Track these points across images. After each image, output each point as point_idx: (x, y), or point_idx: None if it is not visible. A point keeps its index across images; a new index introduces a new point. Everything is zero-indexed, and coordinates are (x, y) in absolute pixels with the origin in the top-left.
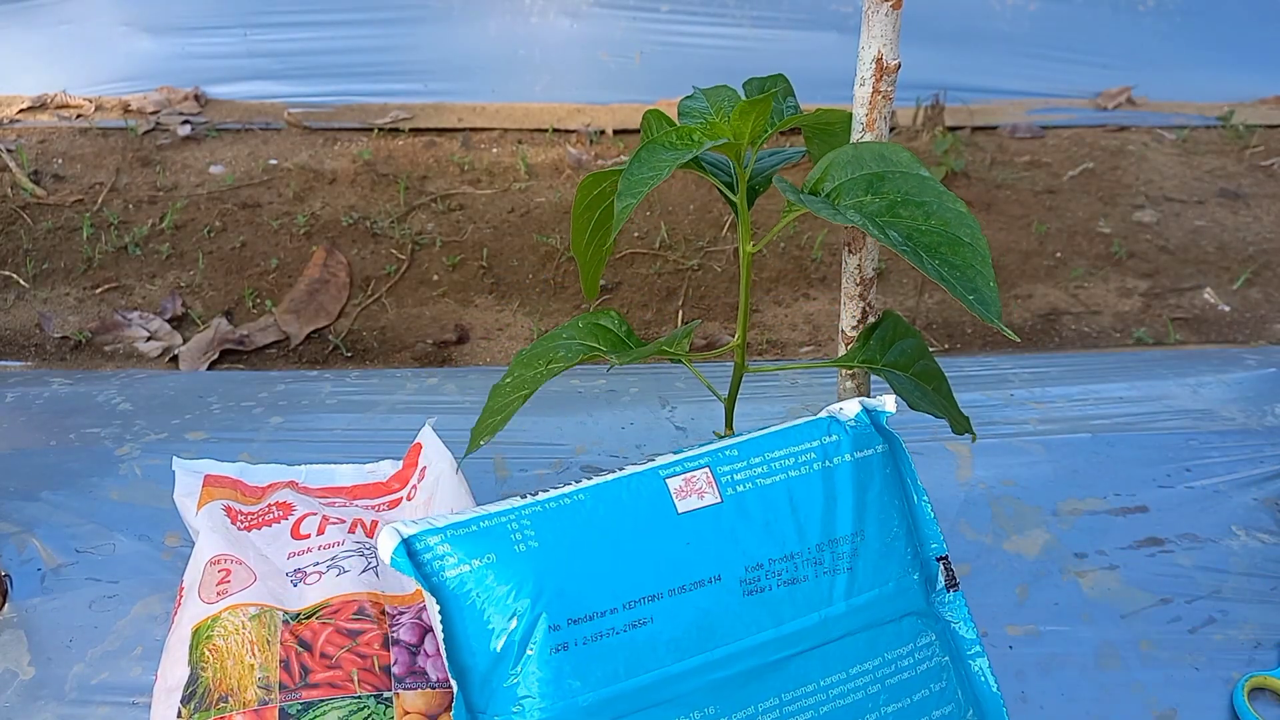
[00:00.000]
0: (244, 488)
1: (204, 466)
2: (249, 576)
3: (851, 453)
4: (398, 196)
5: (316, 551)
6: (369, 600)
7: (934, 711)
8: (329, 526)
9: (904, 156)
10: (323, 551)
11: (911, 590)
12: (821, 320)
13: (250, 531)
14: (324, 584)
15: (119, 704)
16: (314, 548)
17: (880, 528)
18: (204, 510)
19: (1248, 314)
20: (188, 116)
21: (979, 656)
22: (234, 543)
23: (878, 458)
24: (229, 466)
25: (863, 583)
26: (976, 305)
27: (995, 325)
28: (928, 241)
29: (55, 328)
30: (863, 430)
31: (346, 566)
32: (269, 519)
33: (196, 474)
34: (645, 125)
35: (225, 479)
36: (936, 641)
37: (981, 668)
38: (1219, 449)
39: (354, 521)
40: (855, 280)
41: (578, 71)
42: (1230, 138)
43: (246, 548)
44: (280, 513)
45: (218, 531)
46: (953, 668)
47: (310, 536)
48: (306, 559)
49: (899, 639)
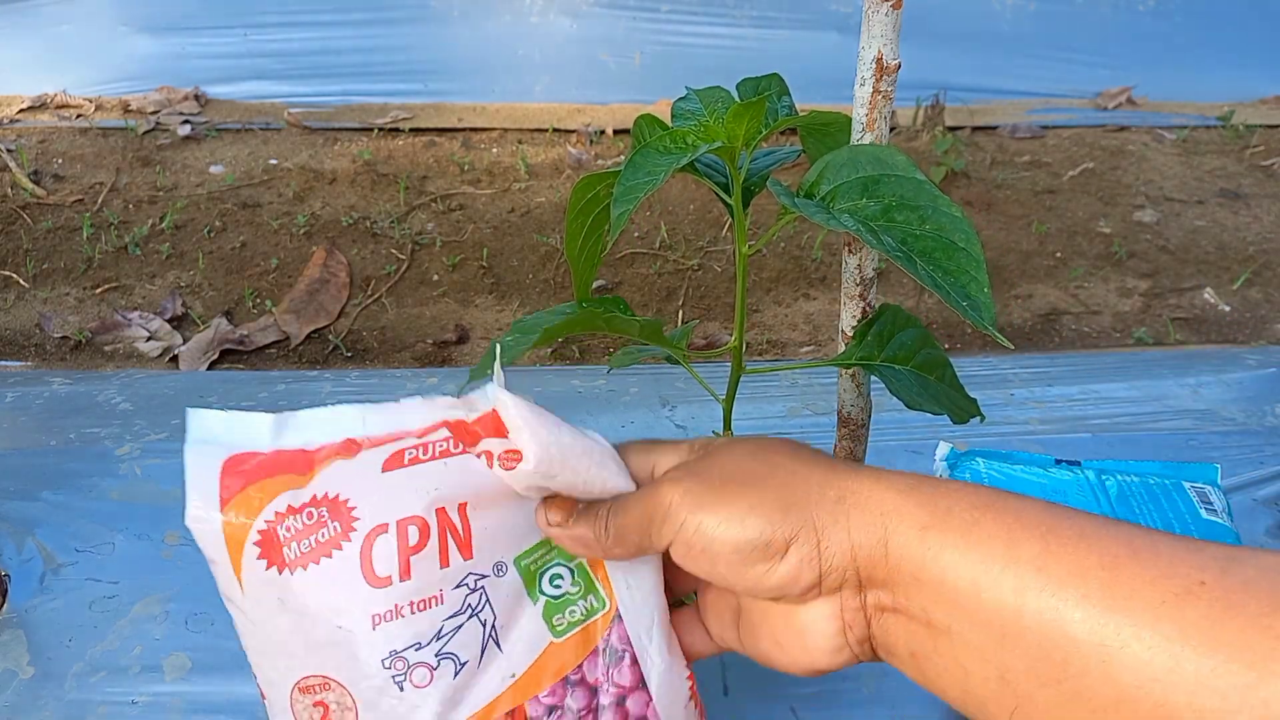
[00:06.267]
0: (287, 462)
1: (223, 435)
2: (351, 712)
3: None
4: (398, 196)
5: (410, 616)
6: (506, 718)
7: None
8: (414, 561)
9: (900, 159)
10: (419, 616)
11: None
12: (821, 320)
13: (306, 570)
14: (439, 691)
15: (119, 704)
16: (403, 606)
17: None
18: (245, 571)
19: (1248, 314)
20: (188, 116)
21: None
22: (308, 639)
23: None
24: (259, 425)
25: None
26: (970, 312)
27: (989, 332)
28: (922, 247)
29: (55, 328)
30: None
31: (461, 654)
32: (322, 542)
33: (213, 460)
34: (637, 130)
35: (258, 459)
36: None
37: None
38: (1219, 449)
39: (441, 533)
40: (855, 280)
41: (578, 71)
42: (1230, 138)
43: (319, 630)
44: (336, 528)
45: (276, 622)
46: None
47: (391, 582)
48: (398, 630)
49: None
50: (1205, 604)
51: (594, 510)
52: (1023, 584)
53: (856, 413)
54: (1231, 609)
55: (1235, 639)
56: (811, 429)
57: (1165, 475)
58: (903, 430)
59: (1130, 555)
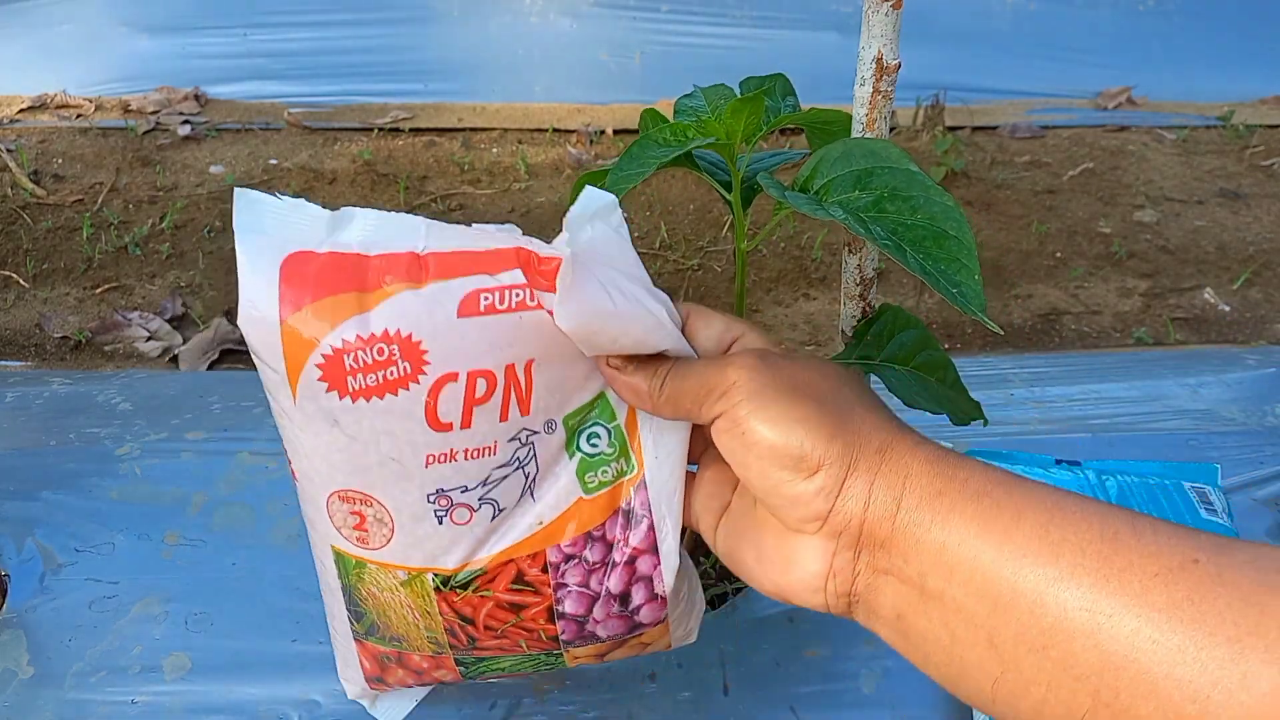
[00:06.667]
0: (348, 271)
1: (277, 228)
2: (387, 527)
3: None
4: (398, 196)
5: (462, 462)
6: (528, 559)
7: None
8: (477, 411)
9: (893, 152)
10: (470, 463)
11: None
12: (821, 320)
13: (369, 401)
14: (474, 531)
15: (119, 703)
16: (458, 452)
17: None
18: (302, 384)
19: (1248, 314)
20: (188, 116)
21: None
22: (355, 462)
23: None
24: (314, 217)
25: None
26: (959, 299)
27: (977, 317)
28: (912, 236)
29: (55, 328)
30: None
31: (501, 500)
32: (390, 379)
33: (271, 257)
34: (642, 123)
35: (316, 262)
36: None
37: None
38: (1219, 449)
39: (506, 389)
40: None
41: (578, 71)
42: (1230, 138)
43: (369, 456)
44: (406, 368)
45: (325, 436)
46: None
47: (452, 429)
48: (449, 473)
49: None
50: (1195, 579)
51: (654, 365)
52: (1021, 552)
53: None
54: (1221, 584)
55: (1221, 613)
56: None
57: (1165, 475)
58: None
59: (1131, 533)
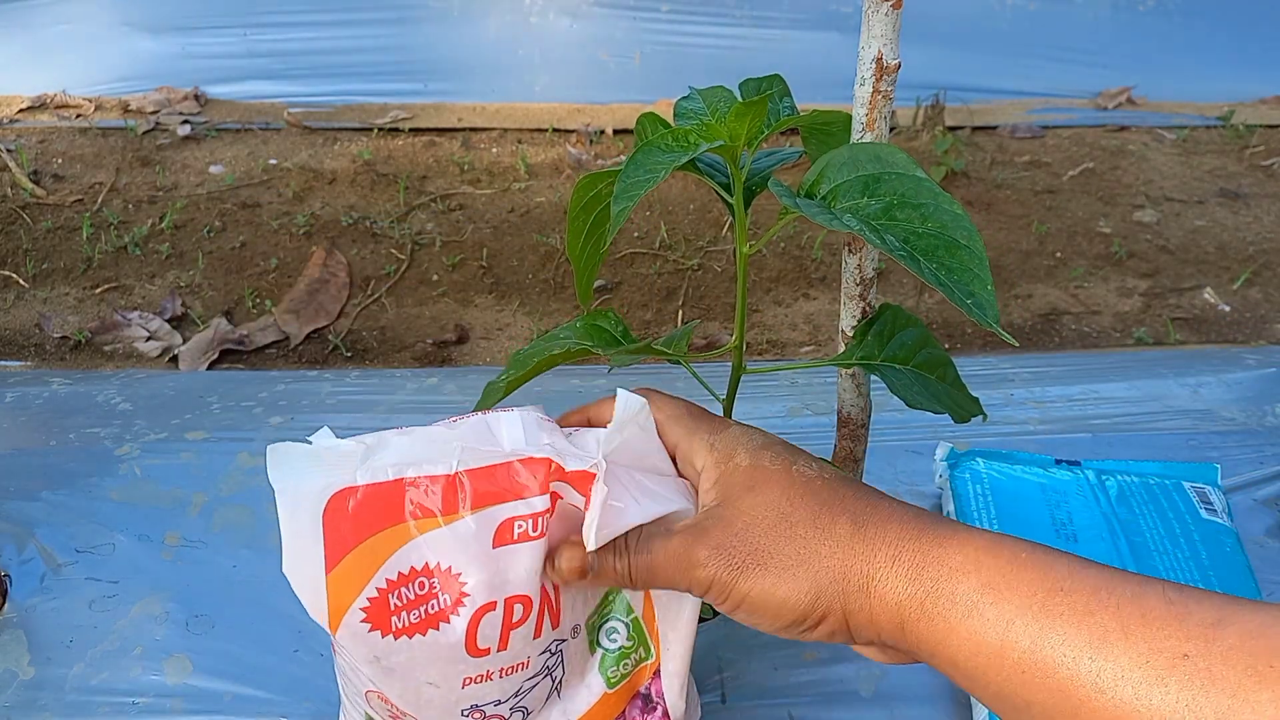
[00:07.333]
0: (384, 504)
1: (313, 472)
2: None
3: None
4: (398, 196)
5: (498, 681)
6: None
7: None
8: (514, 634)
9: (900, 158)
10: (505, 680)
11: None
12: (821, 320)
13: (411, 638)
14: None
15: (119, 704)
16: (493, 673)
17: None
18: (344, 627)
19: (1248, 314)
20: (188, 116)
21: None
22: (394, 687)
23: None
24: (348, 453)
25: None
26: (974, 310)
27: (994, 330)
28: (924, 245)
29: (55, 328)
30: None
31: (530, 705)
32: (432, 613)
33: (312, 508)
34: (639, 128)
35: (356, 497)
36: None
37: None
38: (1219, 449)
39: (541, 609)
40: (855, 280)
41: (578, 71)
42: (1230, 138)
43: (408, 682)
44: (447, 600)
45: (364, 666)
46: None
47: (490, 653)
48: (484, 691)
49: None
50: (1188, 676)
51: (608, 555)
52: (1037, 637)
53: (856, 413)
54: (1213, 682)
55: (1215, 713)
56: (811, 429)
57: (1165, 475)
58: (903, 430)
59: (1120, 629)
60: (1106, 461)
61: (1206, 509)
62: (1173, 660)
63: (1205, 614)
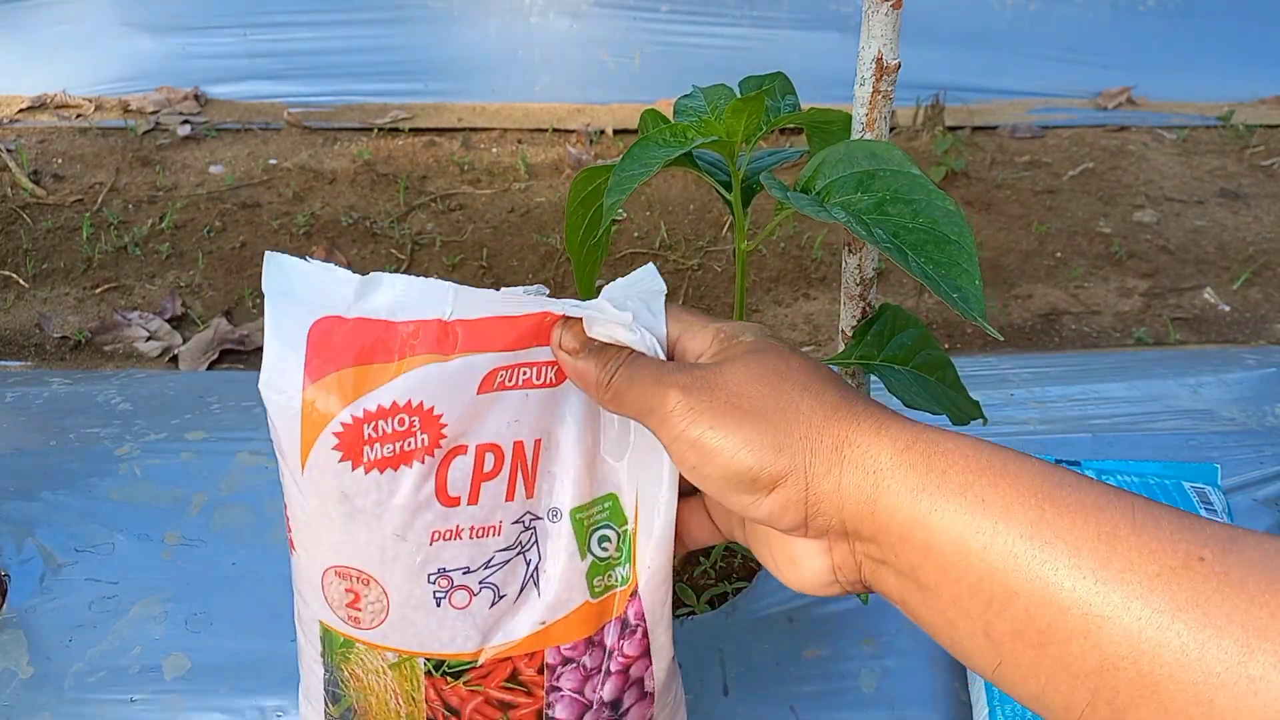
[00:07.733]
0: (374, 339)
1: (306, 292)
2: (381, 605)
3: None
4: (398, 196)
5: (467, 542)
6: (525, 657)
7: None
8: (485, 487)
9: (895, 154)
10: (473, 544)
11: None
12: (821, 320)
13: (382, 473)
14: (472, 617)
15: (118, 703)
16: (463, 530)
17: None
18: (313, 457)
19: (1248, 314)
20: (188, 116)
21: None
22: (358, 538)
23: None
24: (343, 283)
25: None
26: (960, 303)
27: (978, 323)
28: (913, 239)
29: (55, 328)
30: None
31: (501, 587)
32: (407, 450)
33: (300, 322)
34: (642, 123)
35: (344, 329)
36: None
37: None
38: (1219, 449)
39: (513, 466)
40: (855, 280)
41: (578, 71)
42: (1230, 138)
43: (374, 532)
44: (424, 440)
45: (331, 508)
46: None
47: (460, 502)
48: (452, 553)
49: None
50: (1202, 579)
51: (608, 354)
52: (1012, 551)
53: None
54: (1230, 585)
55: (1229, 615)
56: None
57: (1165, 475)
58: None
59: (1131, 527)
60: (1106, 461)
61: (1206, 509)
62: (1187, 561)
63: (1220, 529)
